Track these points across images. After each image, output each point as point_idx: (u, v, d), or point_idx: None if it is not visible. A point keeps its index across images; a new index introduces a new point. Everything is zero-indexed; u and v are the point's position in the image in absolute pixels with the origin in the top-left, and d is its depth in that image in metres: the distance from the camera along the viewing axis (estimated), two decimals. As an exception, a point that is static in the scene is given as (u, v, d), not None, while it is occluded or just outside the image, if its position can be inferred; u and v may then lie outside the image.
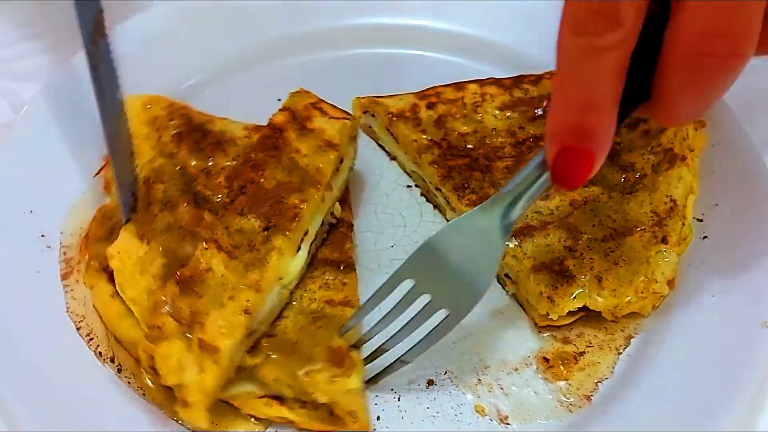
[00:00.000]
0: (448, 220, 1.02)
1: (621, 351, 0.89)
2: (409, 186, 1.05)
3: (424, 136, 1.01)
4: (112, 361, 0.86)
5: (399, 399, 0.86)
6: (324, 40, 1.19)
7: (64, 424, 0.79)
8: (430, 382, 0.87)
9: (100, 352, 0.85)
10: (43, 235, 0.94)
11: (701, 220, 0.96)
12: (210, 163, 0.96)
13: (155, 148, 0.98)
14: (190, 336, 0.80)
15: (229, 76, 1.15)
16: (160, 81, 1.11)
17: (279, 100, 1.01)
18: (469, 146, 1.01)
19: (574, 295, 0.87)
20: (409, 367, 0.87)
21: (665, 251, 0.90)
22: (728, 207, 0.96)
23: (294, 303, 0.88)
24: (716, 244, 0.94)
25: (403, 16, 1.21)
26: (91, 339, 0.87)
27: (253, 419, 0.83)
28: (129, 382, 0.85)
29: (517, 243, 0.90)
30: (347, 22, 1.21)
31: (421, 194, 1.04)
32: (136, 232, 0.91)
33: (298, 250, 0.87)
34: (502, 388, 0.86)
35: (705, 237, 0.95)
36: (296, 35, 1.19)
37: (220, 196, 0.91)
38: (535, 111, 1.04)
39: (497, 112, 1.04)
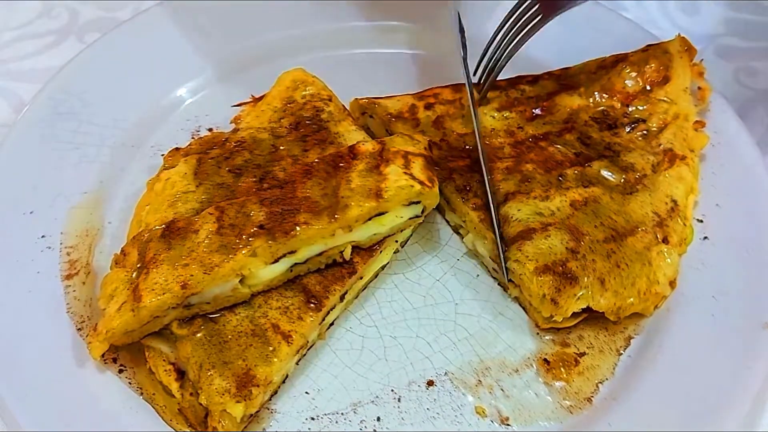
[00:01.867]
0: (447, 221, 1.02)
1: (621, 352, 0.89)
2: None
3: (424, 137, 1.01)
4: (114, 361, 0.86)
5: (399, 400, 0.86)
6: (324, 40, 1.19)
7: (63, 424, 0.79)
8: (430, 383, 0.87)
9: (102, 354, 0.84)
10: (43, 236, 0.93)
11: (702, 221, 0.96)
12: (303, 152, 0.95)
13: (271, 122, 1.00)
14: (134, 276, 0.84)
15: (230, 77, 1.15)
16: (159, 81, 1.12)
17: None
18: (468, 146, 1.00)
19: (577, 297, 0.86)
20: (409, 368, 0.88)
21: (666, 252, 0.90)
22: (728, 207, 0.96)
23: (250, 306, 0.87)
24: (716, 244, 0.94)
25: (403, 17, 1.21)
26: (91, 340, 0.87)
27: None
28: (129, 383, 0.85)
29: (518, 247, 0.90)
30: (347, 23, 1.21)
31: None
32: (194, 171, 0.94)
33: (275, 262, 0.86)
34: (502, 390, 0.86)
35: (705, 237, 0.95)
36: (296, 35, 1.19)
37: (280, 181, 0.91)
38: (533, 111, 1.03)
39: (495, 112, 1.03)
